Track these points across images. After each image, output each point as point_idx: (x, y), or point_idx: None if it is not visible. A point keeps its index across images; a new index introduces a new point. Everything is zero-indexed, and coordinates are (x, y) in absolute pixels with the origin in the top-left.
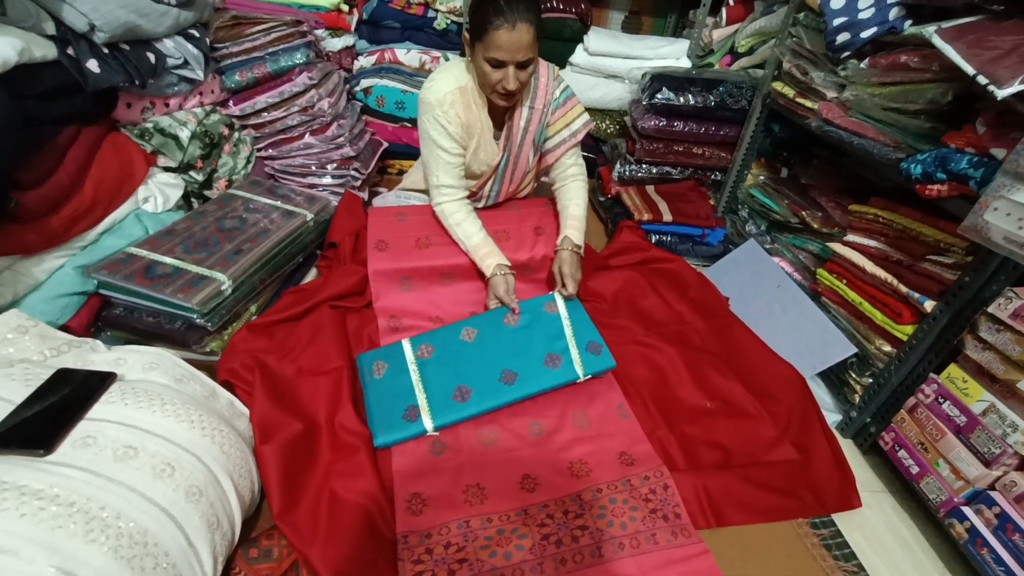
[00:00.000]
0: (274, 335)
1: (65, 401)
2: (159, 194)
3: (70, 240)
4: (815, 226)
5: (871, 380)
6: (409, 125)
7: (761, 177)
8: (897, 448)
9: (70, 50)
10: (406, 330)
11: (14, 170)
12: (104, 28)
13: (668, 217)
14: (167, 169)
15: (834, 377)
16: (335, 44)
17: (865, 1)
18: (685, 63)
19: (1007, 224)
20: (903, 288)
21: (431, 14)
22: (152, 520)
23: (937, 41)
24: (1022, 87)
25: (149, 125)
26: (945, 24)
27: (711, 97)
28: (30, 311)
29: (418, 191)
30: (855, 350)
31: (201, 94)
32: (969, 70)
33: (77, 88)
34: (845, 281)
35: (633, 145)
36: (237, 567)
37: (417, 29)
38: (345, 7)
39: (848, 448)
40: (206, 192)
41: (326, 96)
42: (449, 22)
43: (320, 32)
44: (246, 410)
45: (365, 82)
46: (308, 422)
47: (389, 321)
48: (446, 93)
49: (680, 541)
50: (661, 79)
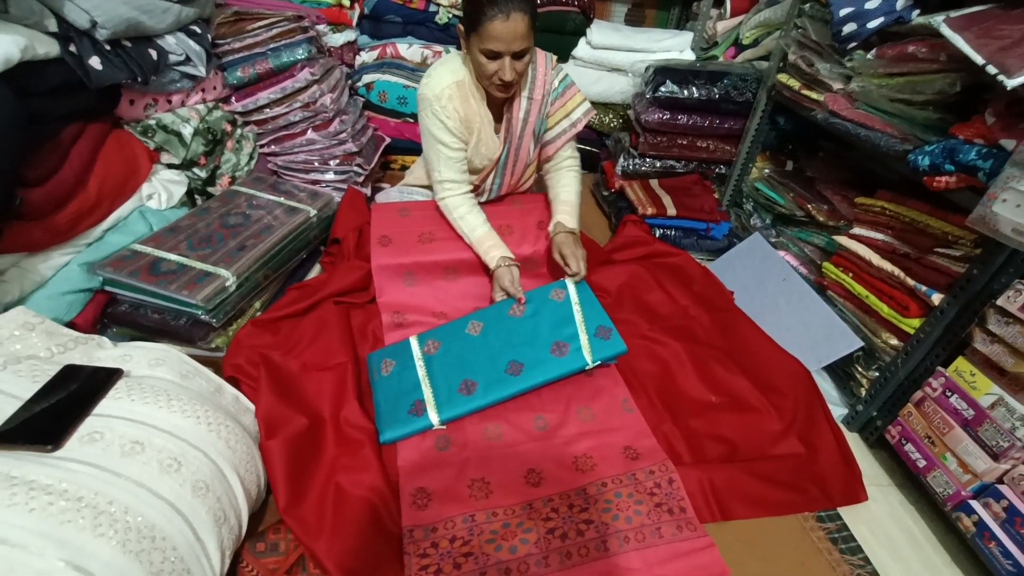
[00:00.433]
0: (279, 331)
1: (72, 397)
2: (163, 191)
3: (75, 237)
4: (821, 219)
5: (877, 374)
6: (411, 120)
7: (766, 170)
8: (904, 442)
9: (73, 47)
10: (410, 325)
11: (19, 168)
12: (106, 25)
13: (672, 211)
14: (171, 166)
15: (840, 371)
16: (337, 39)
17: None
18: (689, 56)
19: (1016, 216)
20: (910, 281)
21: (433, 8)
22: (159, 514)
23: (945, 30)
24: None
25: (152, 122)
26: (953, 13)
27: (715, 90)
28: (36, 308)
29: (421, 187)
30: (862, 344)
31: (203, 90)
32: (978, 60)
33: (80, 85)
34: (851, 274)
35: (637, 139)
36: (244, 561)
37: (419, 24)
38: (347, 2)
39: (854, 442)
40: (209, 189)
41: (328, 92)
42: (451, 16)
43: (322, 27)
44: (251, 405)
45: (367, 77)
46: (313, 417)
47: (393, 316)
48: (444, 88)
49: (685, 535)
50: (665, 72)
